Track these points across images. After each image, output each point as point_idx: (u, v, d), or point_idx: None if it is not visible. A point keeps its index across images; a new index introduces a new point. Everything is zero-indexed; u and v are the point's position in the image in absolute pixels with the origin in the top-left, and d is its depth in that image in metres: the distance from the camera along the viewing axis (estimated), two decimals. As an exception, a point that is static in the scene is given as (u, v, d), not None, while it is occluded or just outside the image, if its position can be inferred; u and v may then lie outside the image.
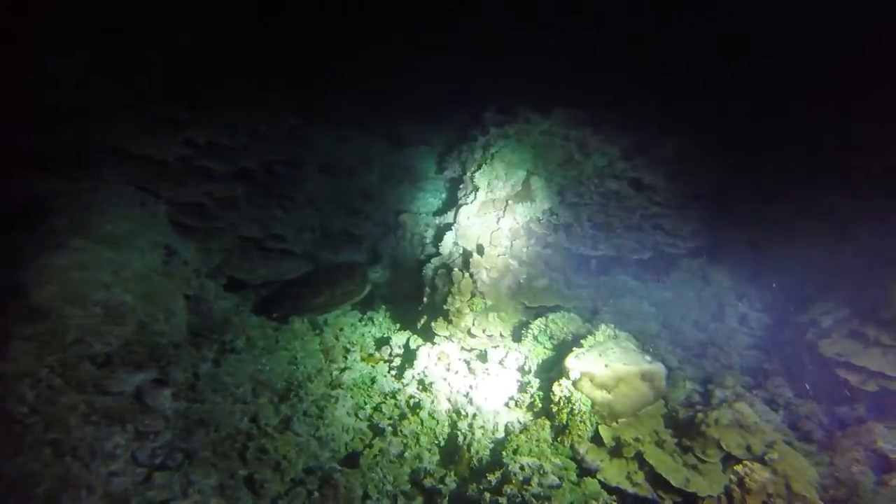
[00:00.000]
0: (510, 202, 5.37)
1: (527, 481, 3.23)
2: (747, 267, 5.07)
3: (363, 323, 5.98)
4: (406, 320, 5.74)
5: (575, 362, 3.82)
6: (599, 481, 3.20)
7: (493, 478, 3.39)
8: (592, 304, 5.08)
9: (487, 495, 3.24)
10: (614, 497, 3.19)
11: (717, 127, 5.81)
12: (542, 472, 3.28)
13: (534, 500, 3.02)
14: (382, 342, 5.53)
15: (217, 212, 6.27)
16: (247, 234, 6.39)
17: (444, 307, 4.88)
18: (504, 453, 3.61)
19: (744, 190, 5.43)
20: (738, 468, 2.68)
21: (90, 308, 3.81)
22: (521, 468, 3.35)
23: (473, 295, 4.82)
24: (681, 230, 5.40)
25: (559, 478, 3.24)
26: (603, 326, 4.19)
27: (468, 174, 6.06)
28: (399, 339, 5.28)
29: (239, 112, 6.50)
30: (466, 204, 5.69)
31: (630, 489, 3.28)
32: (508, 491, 3.18)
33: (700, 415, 3.39)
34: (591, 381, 3.69)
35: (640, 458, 3.43)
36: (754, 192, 5.38)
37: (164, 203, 5.72)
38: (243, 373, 4.56)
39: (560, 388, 3.79)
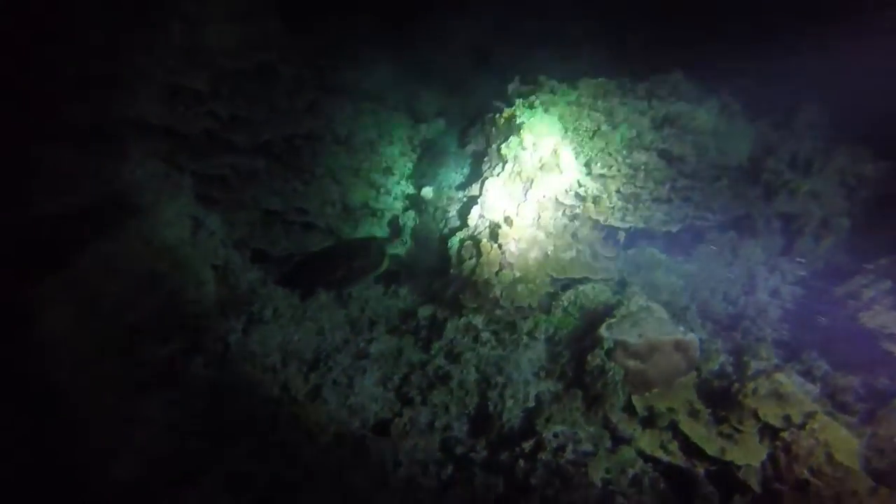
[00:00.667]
0: (538, 174, 5.28)
1: (561, 448, 3.23)
2: (779, 240, 4.95)
3: (388, 296, 5.98)
4: (431, 293, 5.72)
5: (608, 332, 3.79)
6: (635, 450, 3.18)
7: (526, 446, 3.39)
8: (620, 276, 5.02)
9: (521, 462, 3.24)
10: (649, 465, 3.18)
11: (750, 98, 5.64)
12: (576, 439, 3.27)
13: (569, 468, 3.02)
14: (408, 314, 5.53)
15: (240, 185, 6.27)
16: (270, 206, 6.40)
17: (472, 279, 4.85)
18: (536, 422, 3.60)
19: (776, 162, 5.28)
20: (784, 435, 2.66)
21: (124, 278, 3.84)
22: (555, 436, 3.35)
23: (501, 266, 4.77)
24: (711, 203, 5.28)
25: (594, 446, 3.23)
26: (635, 297, 4.14)
27: (493, 146, 5.96)
28: (425, 311, 5.27)
29: (259, 85, 6.42)
30: (492, 176, 5.61)
31: (664, 458, 3.27)
32: (542, 458, 3.18)
33: (736, 385, 3.34)
34: (625, 350, 3.65)
35: (673, 427, 3.41)
36: (786, 165, 5.23)
37: (189, 175, 5.73)
38: (272, 343, 4.59)
39: (593, 358, 3.76)
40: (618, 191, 5.37)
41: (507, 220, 4.98)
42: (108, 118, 5.19)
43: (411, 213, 7.88)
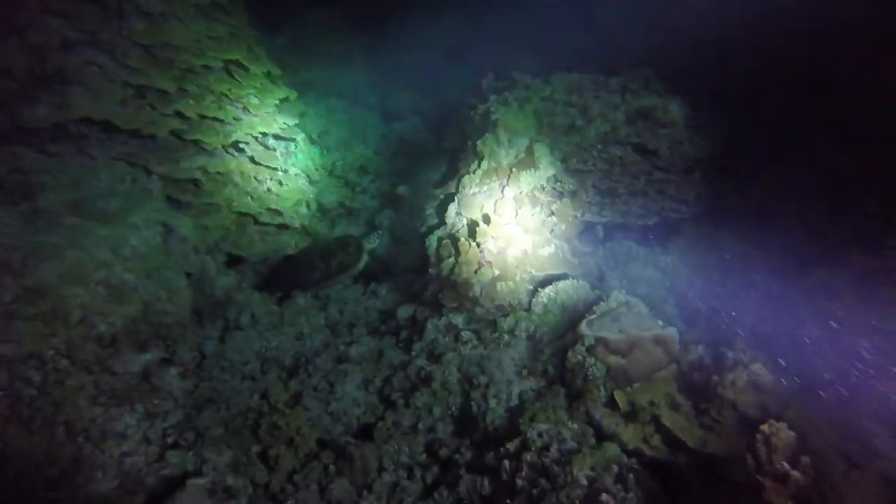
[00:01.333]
0: (514, 170, 5.27)
1: (545, 448, 3.24)
2: (752, 230, 5.05)
3: (366, 297, 5.92)
4: (410, 293, 5.69)
5: (589, 328, 3.81)
6: (618, 445, 3.21)
7: (511, 446, 3.39)
8: (599, 270, 5.06)
9: (507, 463, 3.25)
10: (633, 460, 3.22)
11: (719, 91, 5.72)
12: (560, 438, 3.29)
13: (554, 466, 3.03)
14: (388, 315, 5.49)
15: (211, 187, 6.11)
16: (243, 209, 6.25)
17: (451, 278, 4.83)
18: (521, 421, 3.61)
19: (746, 154, 5.38)
20: (764, 427, 2.71)
21: (92, 287, 3.70)
22: (539, 435, 3.36)
23: (480, 265, 4.76)
24: (685, 195, 5.36)
25: (578, 443, 3.25)
26: (615, 293, 4.17)
27: (469, 143, 5.93)
28: (405, 311, 5.23)
29: (227, 83, 6.25)
30: (469, 173, 5.58)
31: (647, 451, 3.31)
32: (528, 458, 3.19)
33: (715, 377, 3.41)
34: (606, 346, 3.68)
35: (656, 421, 3.46)
36: (756, 156, 5.34)
37: (158, 179, 5.56)
38: (250, 350, 4.50)
39: (574, 355, 3.78)
40: (594, 185, 5.42)
41: (486, 218, 4.97)
42: (69, 119, 4.99)
43: (388, 212, 7.83)
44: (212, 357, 4.31)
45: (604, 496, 2.73)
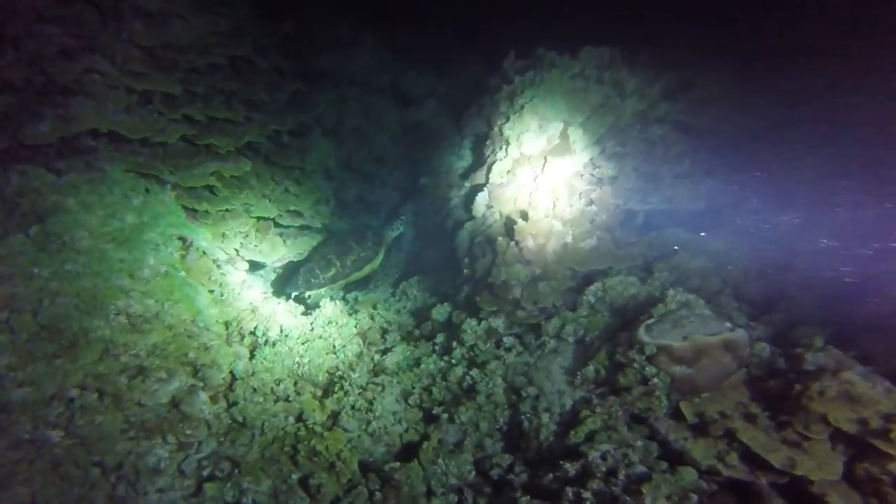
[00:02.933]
0: (548, 157, 4.89)
1: (612, 473, 2.95)
2: (813, 208, 4.64)
3: (397, 298, 5.65)
4: (441, 292, 5.39)
5: (648, 335, 3.48)
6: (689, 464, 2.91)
7: (572, 469, 3.11)
8: (644, 262, 4.69)
9: (569, 490, 2.97)
10: (713, 480, 2.92)
11: (767, 58, 5.22)
12: (627, 461, 3.00)
13: (626, 497, 2.75)
14: (421, 317, 5.21)
15: (227, 192, 5.84)
16: (261, 213, 5.98)
17: (489, 280, 4.51)
18: (575, 437, 3.32)
19: (801, 126, 4.91)
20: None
21: (112, 318, 3.47)
22: (603, 458, 3.07)
23: (520, 264, 4.43)
24: (736, 175, 4.93)
25: (648, 467, 2.96)
26: (671, 292, 3.81)
27: (495, 129, 5.54)
28: (440, 313, 4.94)
29: (234, 81, 5.92)
30: (497, 161, 5.21)
31: (724, 471, 3.01)
32: (594, 487, 2.90)
33: (798, 386, 3.06)
34: (669, 355, 3.35)
35: (729, 435, 3.14)
36: (813, 127, 4.87)
37: (171, 188, 5.30)
38: (281, 367, 4.27)
39: (633, 365, 3.46)
40: (635, 169, 5.01)
41: (523, 214, 4.62)
42: (75, 133, 4.73)
43: (410, 204, 7.51)
44: (242, 378, 4.08)
45: (689, 534, 2.44)
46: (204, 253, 4.63)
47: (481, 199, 5.36)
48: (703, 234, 4.88)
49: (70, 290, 3.44)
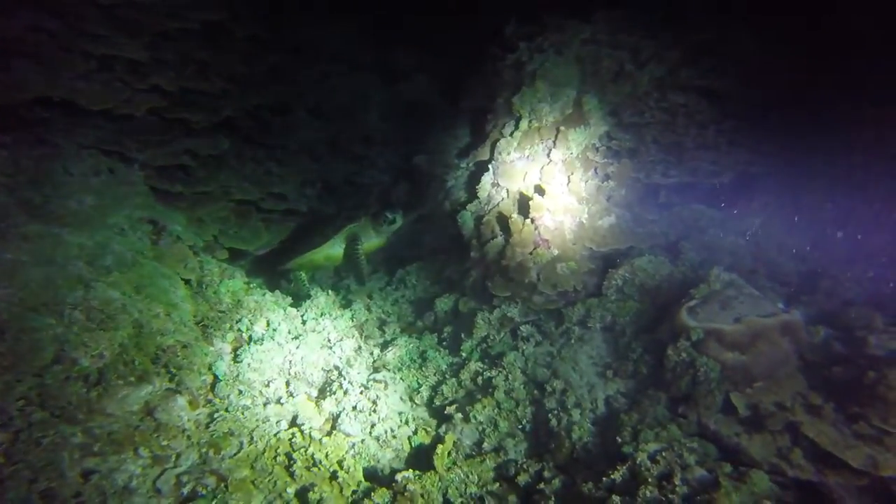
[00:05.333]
0: (561, 128, 4.44)
1: (667, 478, 2.54)
2: (848, 179, 4.28)
3: (394, 287, 5.16)
4: (445, 280, 4.93)
5: (693, 319, 3.07)
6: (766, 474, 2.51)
7: (617, 475, 2.69)
8: (669, 241, 4.30)
9: (617, 499, 2.55)
10: (776, 482, 2.54)
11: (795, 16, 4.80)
12: (683, 464, 2.59)
13: (689, 508, 2.34)
14: (422, 307, 4.75)
15: (203, 173, 5.26)
16: (242, 196, 5.42)
17: (501, 262, 4.06)
18: (620, 439, 2.91)
19: (834, 89, 4.53)
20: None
21: (67, 313, 2.91)
22: (654, 460, 2.66)
23: (536, 245, 3.99)
24: (763, 144, 4.55)
25: (710, 471, 2.56)
26: (716, 271, 3.41)
27: (500, 100, 5.06)
28: (444, 303, 4.48)
29: (208, 49, 5.31)
30: (504, 136, 4.74)
31: (789, 471, 2.63)
32: (647, 495, 2.49)
33: (872, 373, 2.69)
34: (720, 340, 2.95)
35: (791, 430, 2.76)
36: (846, 91, 4.49)
37: (139, 168, 4.71)
38: (271, 366, 3.76)
39: (677, 352, 3.05)
40: (655, 140, 4.59)
41: (539, 189, 4.17)
42: (20, 101, 4.10)
43: (403, 186, 7.00)
44: (226, 379, 3.57)
45: (774, 554, 2.04)
46: (178, 238, 4.06)
47: (487, 177, 4.89)
48: (734, 210, 4.49)
49: (13, 282, 2.87)
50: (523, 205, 4.18)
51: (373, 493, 3.13)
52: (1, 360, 2.55)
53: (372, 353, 4.19)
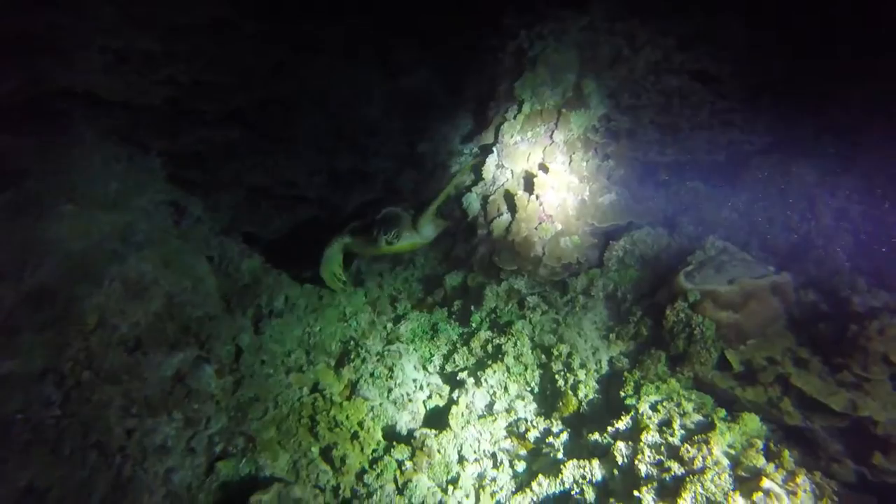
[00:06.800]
0: (563, 111, 4.65)
1: (667, 423, 2.77)
2: (835, 156, 4.50)
3: (402, 267, 5.38)
4: (452, 258, 5.14)
5: (689, 281, 3.29)
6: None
7: (621, 424, 2.92)
8: (666, 215, 4.52)
9: (621, 446, 2.78)
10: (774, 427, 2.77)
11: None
12: (682, 411, 2.81)
13: (687, 447, 2.56)
14: (431, 284, 4.96)
15: (217, 161, 5.46)
16: (254, 182, 5.62)
17: (508, 238, 4.28)
18: (623, 394, 3.13)
19: (820, 72, 4.75)
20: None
21: (106, 284, 3.12)
22: (654, 408, 2.88)
23: (541, 220, 4.20)
24: (755, 124, 4.77)
25: (706, 416, 2.78)
26: (711, 239, 3.64)
27: (502, 87, 5.26)
28: (453, 279, 4.69)
29: (217, 43, 5.49)
30: (508, 120, 4.95)
31: (780, 418, 2.85)
32: (648, 439, 2.71)
33: (854, 326, 2.92)
34: (715, 300, 3.18)
35: (781, 382, 2.99)
36: (832, 74, 4.71)
37: (157, 156, 4.89)
38: (291, 338, 3.97)
39: (675, 313, 3.28)
40: (652, 121, 4.81)
41: (542, 167, 4.38)
42: (45, 92, 4.29)
43: (408, 173, 7.19)
44: (249, 350, 3.78)
45: (766, 482, 2.26)
46: (199, 219, 4.26)
47: (491, 160, 5.10)
48: (728, 187, 4.70)
49: (57, 255, 3.07)
50: (528, 183, 4.39)
51: (392, 450, 3.36)
52: (53, 324, 2.76)
53: (385, 327, 4.41)
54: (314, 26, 7.63)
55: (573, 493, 2.80)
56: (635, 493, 2.54)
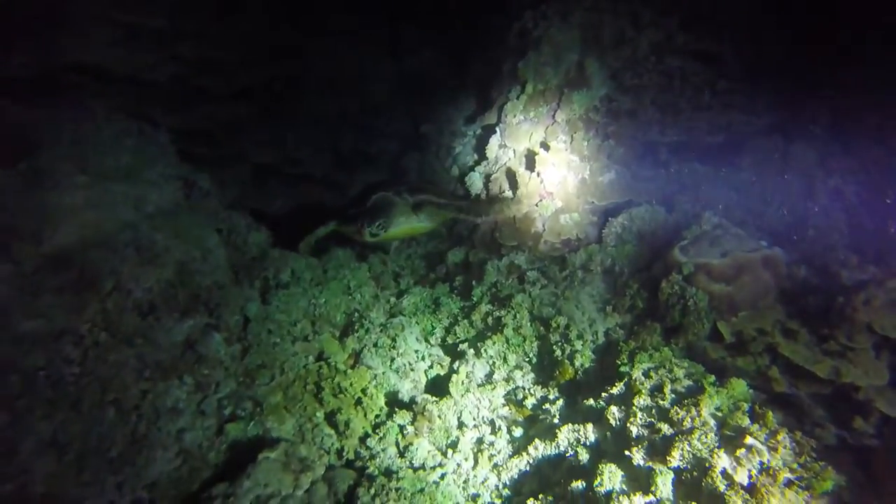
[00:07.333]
0: (565, 90, 4.71)
1: (658, 388, 2.89)
2: (833, 138, 4.57)
3: (405, 244, 5.48)
4: (454, 235, 5.25)
5: (684, 255, 3.39)
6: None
7: (615, 389, 3.04)
8: (664, 194, 4.60)
9: (614, 409, 2.90)
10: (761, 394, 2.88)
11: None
12: (673, 377, 2.93)
13: (676, 409, 2.68)
14: (434, 261, 5.07)
15: (224, 137, 5.55)
16: (261, 160, 5.71)
17: (508, 213, 4.37)
18: (619, 362, 3.25)
19: (820, 54, 4.80)
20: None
21: (120, 250, 3.23)
22: (647, 375, 3.00)
23: (542, 197, 4.29)
24: (754, 105, 4.82)
25: (695, 381, 2.90)
26: (707, 214, 3.73)
27: (504, 68, 5.32)
28: (455, 255, 4.80)
29: (222, 20, 5.54)
30: (511, 100, 5.01)
31: (767, 384, 2.97)
32: (640, 403, 2.84)
33: (841, 298, 3.02)
34: (708, 273, 3.28)
35: (771, 352, 3.10)
36: (831, 56, 4.76)
37: (165, 131, 4.98)
38: (297, 308, 4.08)
39: (670, 285, 3.38)
40: (653, 102, 4.86)
41: (543, 145, 4.46)
42: (57, 66, 4.37)
43: (413, 154, 7.27)
44: (257, 319, 3.90)
45: (749, 439, 2.39)
46: (208, 193, 4.37)
47: (494, 139, 5.17)
48: (727, 168, 4.77)
49: (73, 222, 3.18)
50: (529, 161, 4.47)
51: (394, 415, 3.49)
52: (72, 287, 2.88)
53: (388, 301, 4.53)
54: (319, 5, 7.67)
55: (568, 454, 2.93)
56: (626, 452, 2.66)
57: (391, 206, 4.85)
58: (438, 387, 3.81)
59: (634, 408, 2.83)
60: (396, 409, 3.55)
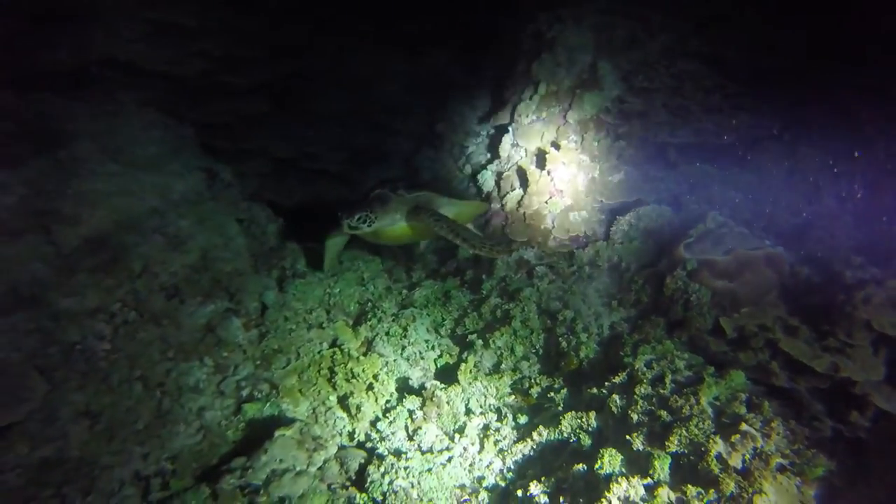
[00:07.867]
0: (577, 91, 4.82)
1: (659, 379, 2.99)
2: (843, 141, 4.62)
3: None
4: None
5: (689, 252, 3.49)
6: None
7: (617, 379, 3.15)
8: (673, 195, 4.68)
9: (616, 398, 3.01)
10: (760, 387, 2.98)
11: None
12: (674, 368, 3.04)
13: (676, 397, 2.79)
14: (445, 256, 5.20)
15: (245, 132, 5.74)
16: (279, 154, 5.89)
17: (520, 211, 4.50)
18: (622, 353, 3.36)
19: (831, 56, 4.85)
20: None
21: (149, 235, 3.42)
22: (649, 366, 3.11)
23: (551, 194, 4.41)
24: (763, 107, 4.89)
25: (696, 373, 3.00)
26: (712, 213, 3.82)
27: (519, 68, 5.44)
28: (465, 251, 4.91)
29: (243, 18, 5.71)
30: (524, 101, 5.13)
31: (767, 379, 3.06)
32: (641, 392, 2.94)
33: (841, 296, 3.10)
34: (711, 269, 3.37)
35: (771, 347, 3.19)
36: (842, 58, 4.81)
37: (190, 125, 5.19)
38: (312, 297, 4.25)
39: (674, 281, 3.48)
40: (664, 104, 4.95)
41: (554, 144, 4.57)
42: (91, 61, 4.58)
43: (426, 152, 7.41)
44: (274, 306, 4.07)
45: (744, 426, 2.48)
46: (230, 184, 4.55)
47: (507, 139, 5.30)
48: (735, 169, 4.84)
49: (105, 207, 3.37)
50: (540, 159, 4.59)
51: (404, 400, 3.63)
52: (105, 268, 3.06)
53: (400, 293, 4.67)
54: (337, 7, 7.84)
55: (571, 440, 3.05)
56: (627, 437, 2.77)
57: (384, 203, 4.55)
58: (447, 375, 3.94)
59: (636, 396, 2.93)
60: (406, 395, 3.68)
